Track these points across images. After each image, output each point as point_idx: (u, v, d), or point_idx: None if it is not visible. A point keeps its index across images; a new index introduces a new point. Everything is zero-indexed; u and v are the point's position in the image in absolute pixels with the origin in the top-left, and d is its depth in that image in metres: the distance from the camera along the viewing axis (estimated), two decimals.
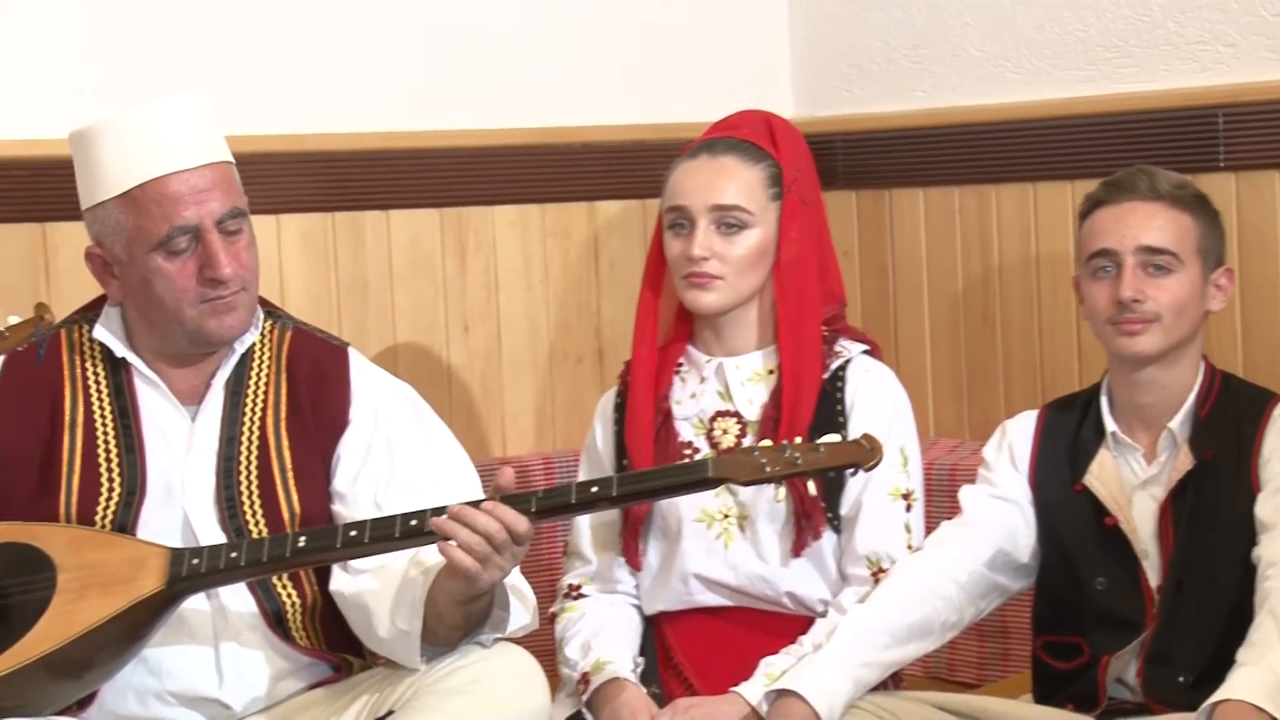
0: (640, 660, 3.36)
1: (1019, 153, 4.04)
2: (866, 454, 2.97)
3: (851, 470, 3.01)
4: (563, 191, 4.25)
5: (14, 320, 2.91)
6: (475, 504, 3.00)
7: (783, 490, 3.03)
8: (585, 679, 3.30)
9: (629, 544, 3.41)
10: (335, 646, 3.25)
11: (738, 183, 3.37)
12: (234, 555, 3.06)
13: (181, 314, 3.18)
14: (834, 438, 3.00)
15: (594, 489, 3.03)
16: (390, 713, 3.07)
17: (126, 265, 3.20)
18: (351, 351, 3.37)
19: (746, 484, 3.01)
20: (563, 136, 4.23)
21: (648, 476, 3.14)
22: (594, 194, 4.27)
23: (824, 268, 3.47)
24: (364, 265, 4.06)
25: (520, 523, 2.98)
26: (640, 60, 4.33)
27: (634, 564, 3.42)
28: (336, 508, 3.26)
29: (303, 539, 3.07)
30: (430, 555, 3.11)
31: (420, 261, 4.12)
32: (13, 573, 3.08)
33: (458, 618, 3.09)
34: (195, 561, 3.07)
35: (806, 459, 2.97)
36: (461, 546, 2.96)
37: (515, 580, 3.16)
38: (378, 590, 3.16)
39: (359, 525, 3.06)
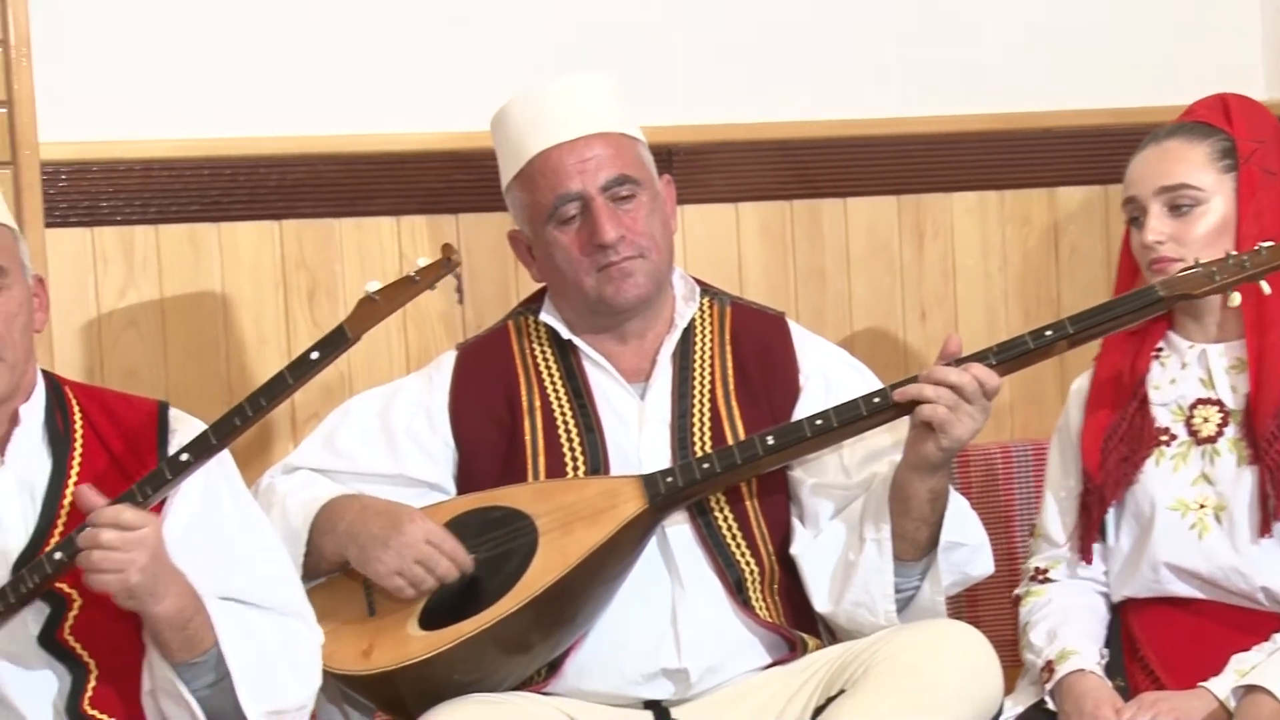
0: (1105, 652, 3.29)
1: None
2: None
3: None
4: (1023, 178, 4.18)
5: (423, 262, 2.99)
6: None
7: (1236, 297, 3.06)
8: (1049, 667, 3.24)
9: (1085, 535, 3.34)
10: (792, 622, 3.26)
11: (1183, 162, 3.27)
12: (706, 466, 3.13)
13: (581, 283, 3.25)
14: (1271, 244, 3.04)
15: (1049, 332, 3.09)
16: (841, 691, 3.06)
17: (534, 242, 3.28)
18: (789, 320, 3.40)
19: (1200, 295, 3.06)
20: (1024, 122, 4.17)
21: (1101, 310, 3.13)
22: (1055, 180, 4.20)
23: None
24: (821, 252, 4.07)
25: (991, 376, 3.06)
26: (1104, 44, 4.24)
27: (1085, 556, 3.33)
28: (794, 473, 3.28)
29: (770, 437, 3.14)
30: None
31: (878, 248, 4.10)
32: (492, 528, 3.19)
33: (923, 506, 3.11)
34: (670, 480, 3.15)
35: (1253, 260, 3.03)
36: (931, 403, 3.02)
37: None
38: (838, 542, 3.17)
39: (823, 414, 3.13)
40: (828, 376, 3.32)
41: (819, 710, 3.08)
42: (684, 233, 3.87)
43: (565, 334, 3.33)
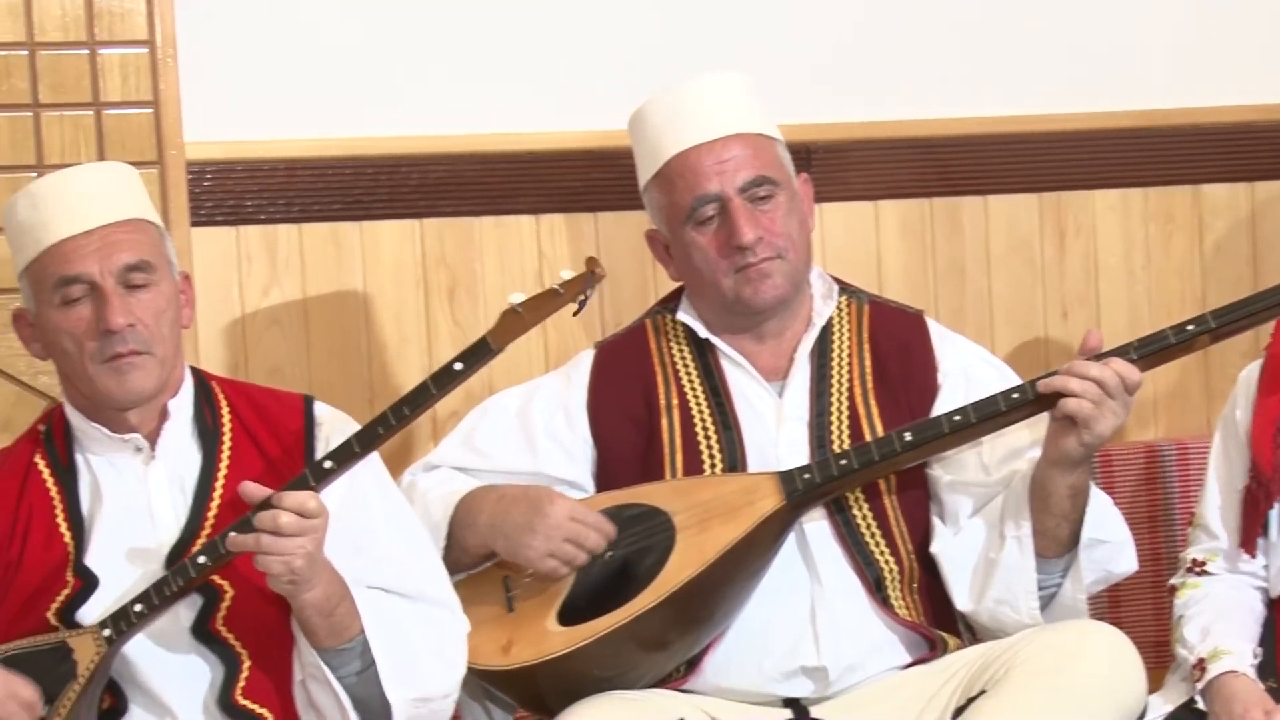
0: (1259, 651, 3.24)
1: None
2: None
3: None
4: (1167, 175, 4.14)
5: (567, 275, 3.01)
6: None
7: None
8: (1201, 665, 3.19)
9: (1248, 528, 3.29)
10: (932, 621, 3.24)
11: None
12: (844, 463, 3.13)
13: (719, 284, 3.25)
14: None
15: (1190, 326, 3.08)
16: (982, 692, 3.04)
17: (672, 243, 3.28)
18: (928, 318, 3.39)
19: None
20: (1167, 119, 4.13)
21: (1245, 304, 3.11)
22: (1199, 177, 4.15)
23: None
24: (961, 250, 4.05)
25: (1132, 371, 3.05)
26: (1250, 41, 4.18)
27: (1249, 549, 3.28)
28: (933, 471, 3.27)
29: (908, 433, 3.14)
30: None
31: (1018, 246, 4.08)
32: (630, 525, 3.20)
33: (1064, 502, 3.09)
34: (807, 476, 3.15)
35: None
36: (1076, 396, 3.00)
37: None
38: (978, 540, 3.17)
39: (961, 410, 3.13)
40: (967, 374, 3.30)
41: (959, 711, 3.07)
42: (823, 231, 3.86)
43: (703, 333, 3.33)
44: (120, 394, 2.98)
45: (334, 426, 3.09)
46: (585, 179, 3.89)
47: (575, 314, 3.03)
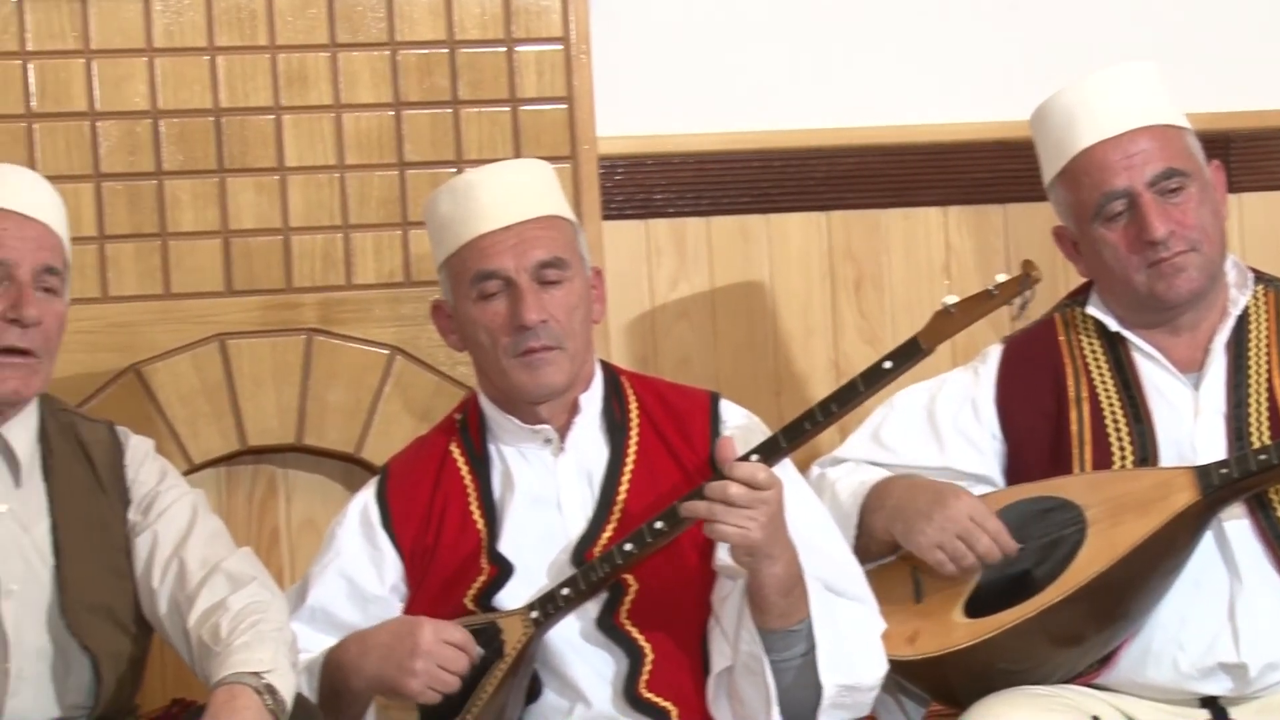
0: None
1: None
2: None
3: None
4: None
5: (1002, 279, 2.98)
6: None
7: None
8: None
9: None
10: None
11: None
12: (1263, 458, 3.05)
13: (1130, 280, 3.19)
14: None
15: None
16: None
17: (1080, 239, 3.23)
18: None
19: None
20: None
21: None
22: None
23: None
24: None
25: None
26: None
27: None
28: None
29: None
30: None
31: None
32: (1040, 518, 3.16)
33: None
34: (1224, 471, 3.08)
35: None
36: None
37: None
38: None
39: None
40: None
41: None
42: (1241, 220, 3.76)
43: (1114, 326, 3.27)
44: (532, 388, 3.04)
45: (738, 424, 3.11)
46: (993, 170, 3.85)
47: (1014, 319, 3.02)
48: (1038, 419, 3.29)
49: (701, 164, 3.83)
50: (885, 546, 3.24)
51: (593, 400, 3.12)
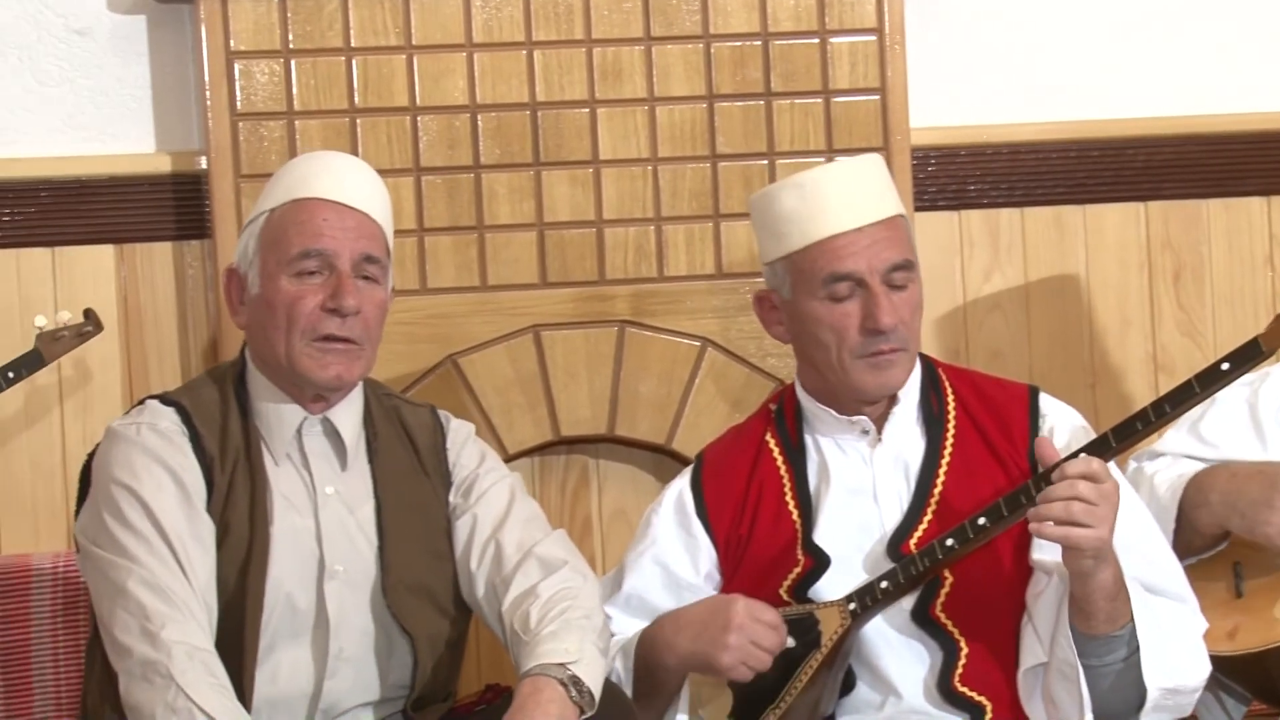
0: None
1: None
2: None
3: None
4: None
5: None
6: None
7: None
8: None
9: None
10: None
11: None
12: None
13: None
14: None
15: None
16: None
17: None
18: None
19: None
20: None
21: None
22: None
23: None
24: None
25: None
26: None
27: None
28: None
29: None
30: None
31: None
32: None
33: None
34: None
35: None
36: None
37: None
38: None
39: None
40: None
41: None
42: None
43: None
44: (874, 388, 3.04)
45: (1059, 419, 3.06)
46: None
47: None
48: None
49: (1015, 154, 3.79)
50: (1209, 540, 3.17)
51: (910, 392, 3.10)
